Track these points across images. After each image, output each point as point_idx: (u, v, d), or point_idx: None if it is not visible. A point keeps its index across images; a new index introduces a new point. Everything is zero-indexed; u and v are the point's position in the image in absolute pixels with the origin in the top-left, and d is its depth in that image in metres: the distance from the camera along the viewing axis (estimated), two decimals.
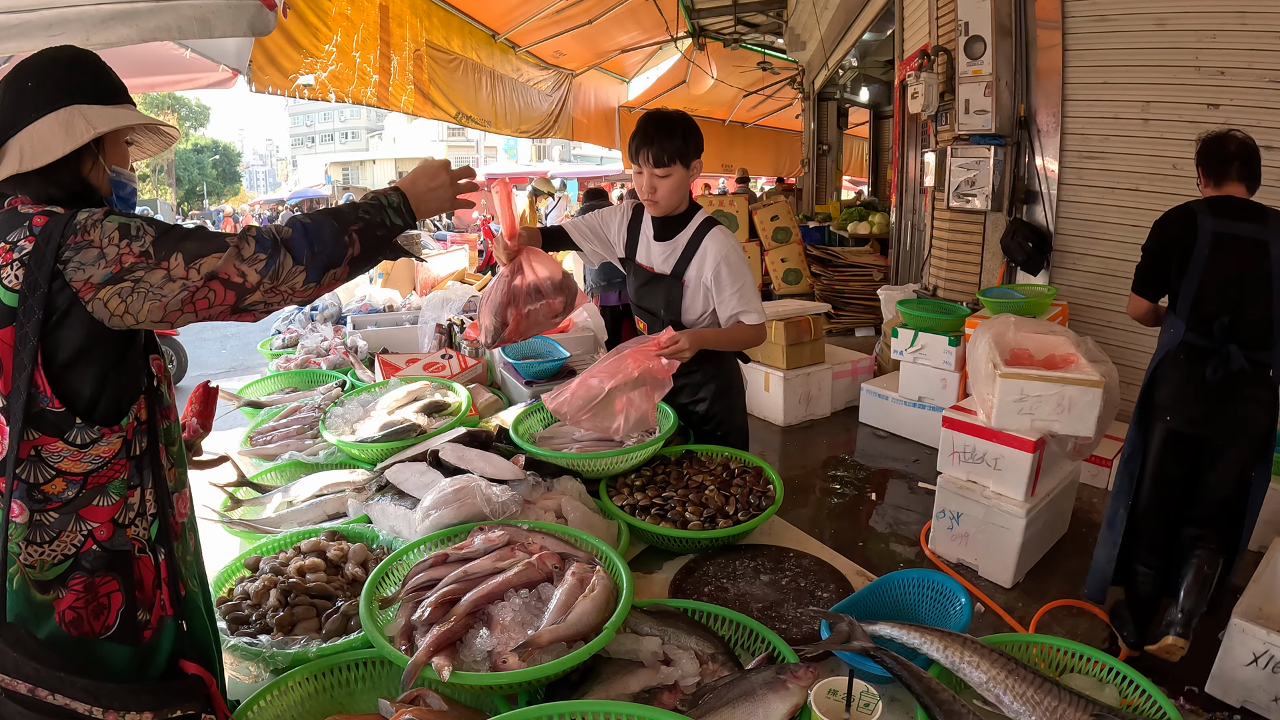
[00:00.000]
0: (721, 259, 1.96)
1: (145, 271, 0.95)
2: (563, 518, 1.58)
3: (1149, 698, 1.07)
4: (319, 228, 1.05)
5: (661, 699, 1.11)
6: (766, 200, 7.87)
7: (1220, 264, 2.20)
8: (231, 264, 0.99)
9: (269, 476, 1.96)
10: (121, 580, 1.00)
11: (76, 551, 0.97)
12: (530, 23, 6.58)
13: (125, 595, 1.00)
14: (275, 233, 1.03)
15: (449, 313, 3.31)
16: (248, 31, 2.23)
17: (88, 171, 1.06)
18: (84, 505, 0.97)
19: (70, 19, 2.02)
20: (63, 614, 0.96)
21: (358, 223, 1.09)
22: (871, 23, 7.14)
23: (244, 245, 1.00)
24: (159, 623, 1.04)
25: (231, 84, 3.71)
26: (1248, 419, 2.23)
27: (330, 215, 1.09)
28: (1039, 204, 4.46)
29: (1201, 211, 2.26)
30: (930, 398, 4.32)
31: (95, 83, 1.05)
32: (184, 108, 31.15)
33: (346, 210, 1.11)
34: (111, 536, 0.99)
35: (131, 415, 1.01)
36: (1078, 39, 4.16)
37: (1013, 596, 2.89)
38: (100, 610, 0.98)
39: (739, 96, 12.40)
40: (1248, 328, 2.19)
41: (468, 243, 10.67)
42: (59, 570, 0.96)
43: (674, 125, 1.91)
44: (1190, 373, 2.25)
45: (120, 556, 1.00)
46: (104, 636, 0.98)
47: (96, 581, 0.97)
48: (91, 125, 1.01)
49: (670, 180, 1.93)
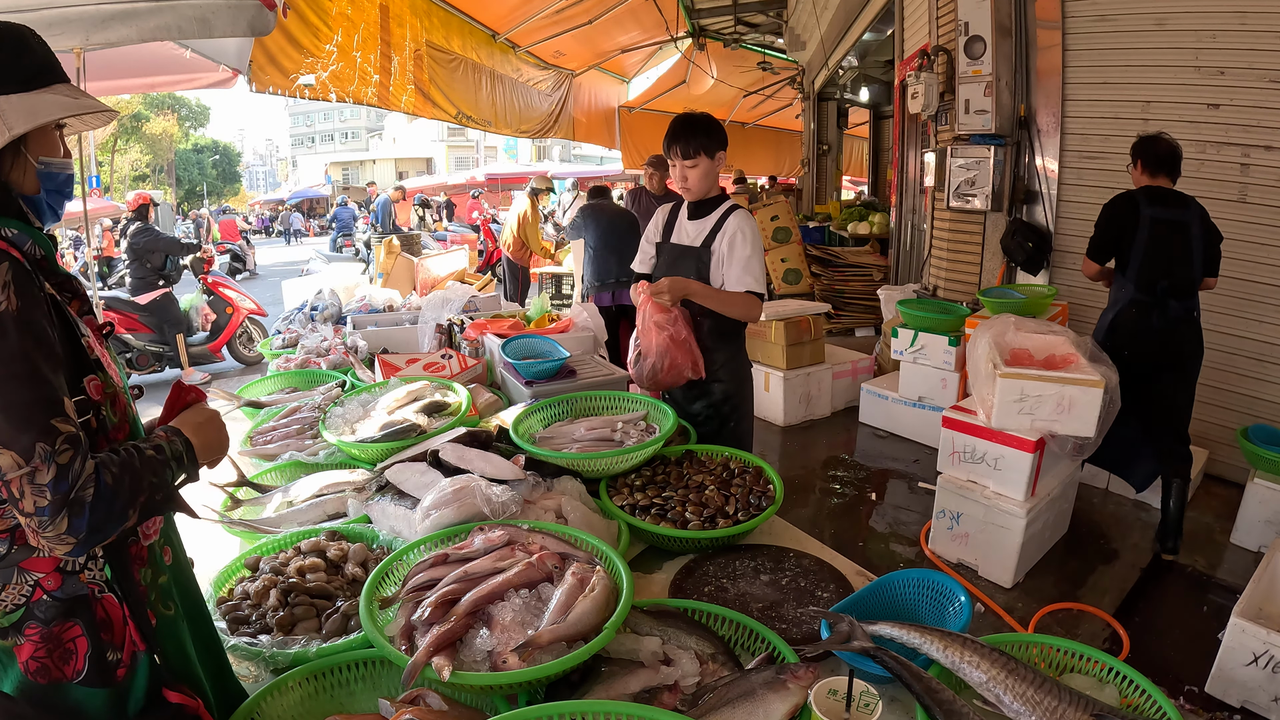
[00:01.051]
0: (737, 229, 2.25)
1: None
2: (563, 518, 1.58)
3: (1149, 698, 1.07)
4: (112, 500, 0.89)
5: (661, 699, 1.11)
6: (766, 200, 7.87)
7: (1157, 241, 2.98)
8: (22, 481, 0.83)
9: (269, 476, 1.96)
10: (84, 624, 0.94)
11: (27, 601, 0.92)
12: (530, 23, 6.58)
13: (90, 639, 0.94)
14: (76, 482, 0.86)
15: (449, 313, 3.31)
16: (247, 31, 2.23)
17: (7, 172, 0.95)
18: (22, 559, 0.91)
19: (70, 19, 2.02)
20: (26, 664, 0.91)
21: (145, 492, 0.93)
22: (871, 23, 7.14)
23: (43, 468, 0.83)
24: (131, 659, 0.98)
25: (231, 84, 3.72)
26: (1181, 349, 3.05)
27: (130, 474, 0.92)
28: (1039, 204, 4.46)
29: (1142, 200, 3.00)
30: (930, 398, 4.32)
31: (17, 65, 0.94)
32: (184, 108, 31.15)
33: (140, 472, 0.93)
34: (62, 585, 0.93)
35: None
36: (1078, 39, 4.16)
37: (1013, 596, 2.89)
38: (67, 656, 0.93)
39: (739, 96, 12.40)
40: (1178, 286, 2.98)
41: (468, 243, 10.68)
42: (13, 618, 0.91)
43: (698, 124, 2.24)
44: (1140, 321, 3.05)
45: (78, 602, 0.94)
46: (75, 681, 0.93)
47: (55, 631, 0.92)
48: (7, 125, 0.91)
49: (698, 170, 2.25)
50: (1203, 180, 3.64)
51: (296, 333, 3.35)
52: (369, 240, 10.86)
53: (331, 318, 3.65)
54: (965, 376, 3.84)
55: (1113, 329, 3.14)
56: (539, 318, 3.30)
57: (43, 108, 0.95)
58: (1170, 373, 3.06)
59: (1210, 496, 3.63)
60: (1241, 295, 3.61)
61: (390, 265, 6.86)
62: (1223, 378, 3.76)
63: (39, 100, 0.95)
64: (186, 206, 30.58)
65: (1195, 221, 2.94)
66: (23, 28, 0.97)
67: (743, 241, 2.23)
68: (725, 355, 2.36)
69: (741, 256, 2.23)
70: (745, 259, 2.23)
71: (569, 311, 3.29)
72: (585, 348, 2.95)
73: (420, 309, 3.53)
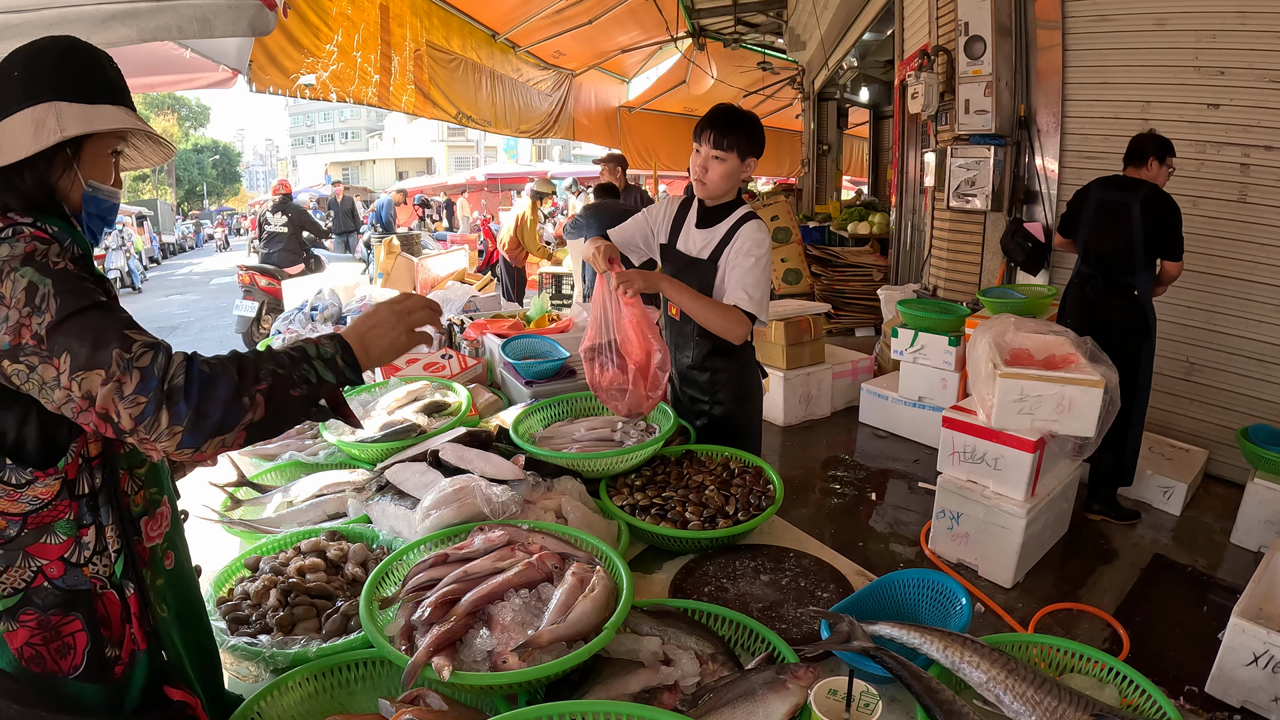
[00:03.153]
0: (747, 238, 2.01)
1: (39, 362, 0.82)
2: (563, 518, 1.58)
3: (1149, 698, 1.07)
4: (212, 383, 0.86)
5: (661, 699, 1.11)
6: (766, 200, 7.87)
7: (1099, 220, 3.32)
8: (111, 398, 0.82)
9: (269, 476, 1.96)
10: (85, 619, 0.94)
11: (26, 586, 0.91)
12: (530, 23, 6.58)
13: (90, 634, 0.94)
14: (165, 375, 0.84)
15: (449, 313, 3.31)
16: (248, 31, 2.23)
17: (57, 178, 0.97)
18: (30, 544, 0.91)
19: (70, 19, 2.02)
20: (20, 650, 0.91)
21: (266, 379, 0.89)
22: (871, 23, 7.14)
23: (126, 379, 0.82)
24: (130, 657, 0.98)
25: (231, 84, 3.71)
26: (1111, 319, 3.29)
27: (233, 365, 0.89)
28: (1039, 204, 4.46)
29: (1095, 186, 3.38)
30: (930, 398, 4.32)
31: (85, 79, 0.97)
32: (184, 108, 31.16)
33: (258, 360, 0.91)
34: (64, 574, 0.93)
35: (72, 454, 0.93)
36: (1078, 39, 4.16)
37: (1013, 596, 2.89)
38: (65, 650, 0.93)
39: (739, 96, 12.37)
40: (1112, 261, 3.29)
41: (468, 243, 10.67)
42: (9, 603, 0.91)
43: (742, 119, 2.01)
44: (1080, 291, 3.44)
45: (79, 595, 0.94)
46: (72, 676, 0.94)
47: (54, 620, 0.92)
48: (61, 126, 0.92)
49: (723, 165, 2.00)
50: (1203, 180, 3.65)
51: (296, 333, 3.35)
52: (369, 240, 10.86)
53: (331, 318, 3.65)
54: (965, 376, 3.84)
55: (1063, 301, 3.57)
56: (539, 318, 3.30)
57: (98, 118, 0.96)
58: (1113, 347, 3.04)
59: (1210, 496, 3.63)
60: (1241, 295, 3.61)
61: (390, 265, 6.87)
62: (1223, 378, 3.76)
63: (96, 111, 0.97)
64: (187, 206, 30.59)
65: (1137, 204, 3.15)
66: (100, 51, 1.00)
67: (746, 252, 1.98)
68: (727, 375, 2.17)
69: (741, 266, 1.98)
70: (744, 270, 1.97)
71: (569, 311, 3.29)
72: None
73: None
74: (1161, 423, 3.89)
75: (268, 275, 6.94)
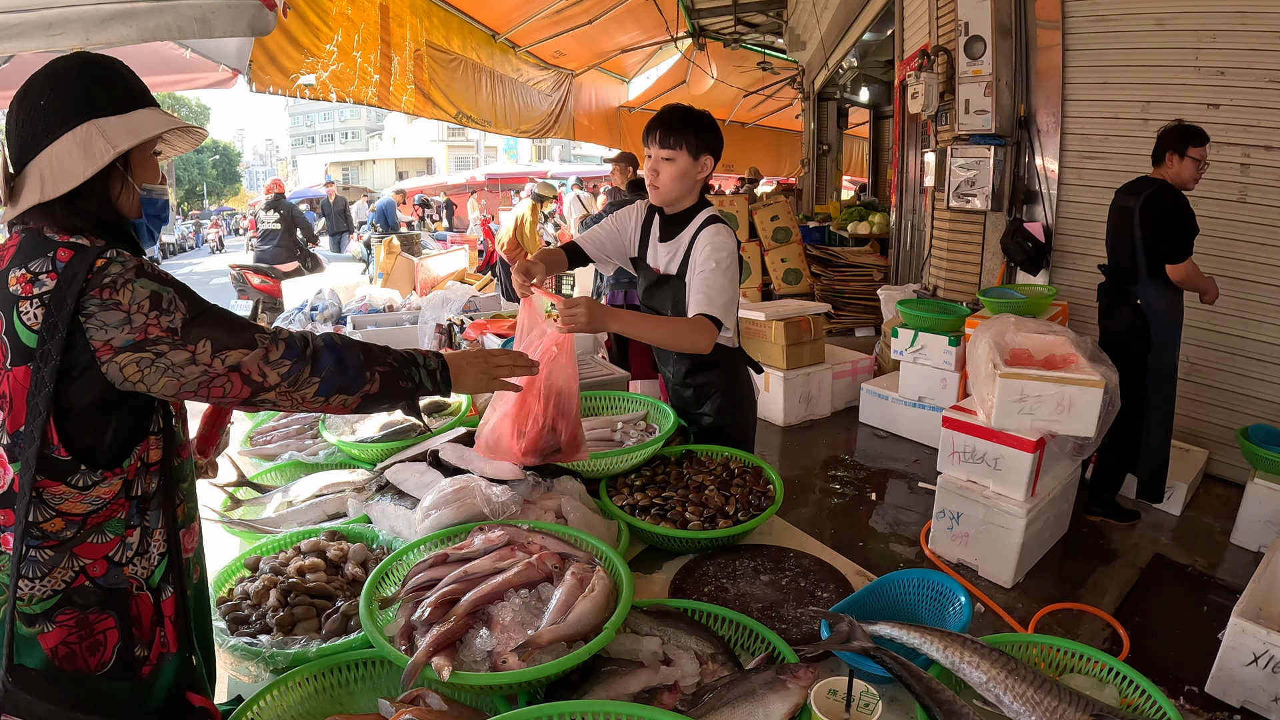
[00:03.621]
0: (705, 243, 1.89)
1: (169, 349, 0.93)
2: (563, 518, 1.58)
3: (1149, 698, 1.07)
4: (347, 352, 1.06)
5: (661, 699, 1.11)
6: (766, 200, 7.87)
7: (1112, 226, 3.27)
8: (256, 363, 0.98)
9: (269, 476, 1.96)
10: (118, 618, 0.97)
11: (67, 587, 0.94)
12: (530, 23, 6.58)
13: (122, 632, 0.97)
14: (305, 342, 1.04)
15: (449, 313, 3.31)
16: (248, 31, 2.23)
17: (117, 195, 1.01)
18: (79, 544, 0.94)
19: (70, 19, 2.02)
20: (54, 649, 0.93)
21: (385, 366, 1.10)
22: (871, 23, 7.14)
23: (273, 348, 1.00)
24: (158, 659, 1.01)
25: (231, 84, 3.71)
26: (1115, 330, 3.30)
27: (361, 348, 1.09)
28: (1039, 204, 4.46)
29: (1117, 191, 3.27)
30: (930, 398, 4.32)
31: (110, 90, 0.99)
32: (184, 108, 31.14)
33: (379, 351, 1.11)
34: (106, 573, 0.96)
35: (134, 457, 0.98)
36: (1078, 39, 4.16)
37: (1013, 596, 2.89)
38: (96, 647, 0.95)
39: (739, 96, 12.40)
40: (1119, 269, 3.25)
41: (468, 243, 10.67)
42: (47, 605, 0.93)
43: (688, 114, 1.92)
44: (1098, 301, 3.42)
45: (116, 594, 0.97)
46: (100, 674, 0.96)
47: (90, 618, 0.95)
48: (111, 144, 0.95)
49: (673, 166, 1.90)
50: (1203, 180, 3.63)
51: None
52: (369, 240, 10.86)
53: (331, 317, 3.65)
54: (965, 376, 3.84)
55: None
56: None
57: (142, 125, 1.00)
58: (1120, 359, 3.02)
59: (1210, 496, 3.63)
60: (1241, 295, 3.61)
61: (390, 265, 6.87)
62: (1223, 378, 3.76)
63: (135, 119, 1.00)
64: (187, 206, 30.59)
65: (1138, 208, 3.06)
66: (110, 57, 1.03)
67: (707, 257, 1.86)
68: (712, 387, 2.10)
69: (703, 271, 1.85)
70: (705, 275, 1.84)
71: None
72: (585, 348, 2.95)
73: (420, 309, 3.53)
74: None
75: (261, 273, 6.97)
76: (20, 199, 0.95)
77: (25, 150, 0.95)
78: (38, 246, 0.92)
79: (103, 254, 0.92)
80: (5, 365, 0.90)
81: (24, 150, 0.95)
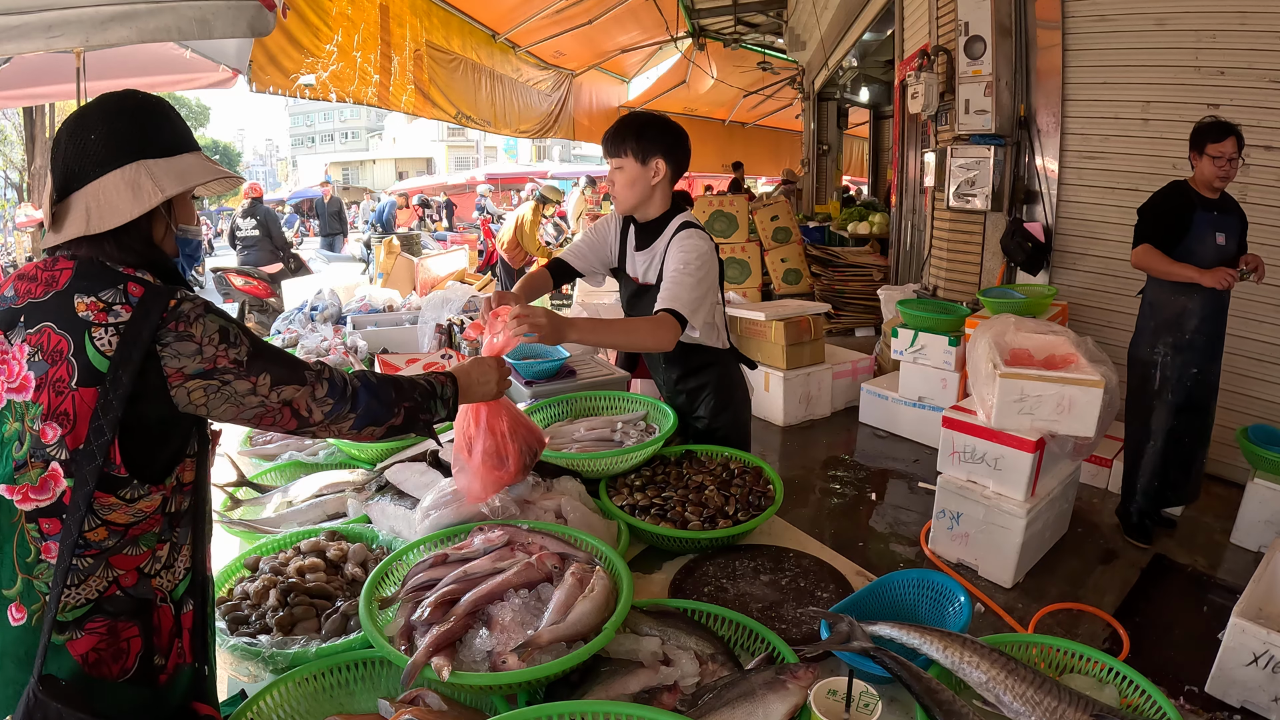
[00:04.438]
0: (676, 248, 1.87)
1: (235, 379, 1.00)
2: (562, 518, 1.58)
3: (1149, 698, 1.07)
4: (381, 390, 1.15)
5: (661, 699, 1.11)
6: (766, 200, 7.87)
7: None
8: (305, 399, 1.07)
9: (269, 476, 1.96)
10: (142, 627, 1.00)
11: (100, 596, 0.97)
12: (530, 23, 6.59)
13: (144, 641, 1.00)
14: (345, 383, 1.12)
15: (449, 313, 3.31)
16: (247, 32, 2.23)
17: (160, 237, 1.06)
18: (115, 554, 0.97)
19: (70, 20, 2.02)
20: (85, 656, 0.95)
21: (410, 402, 1.19)
22: (871, 23, 7.15)
23: (318, 386, 1.08)
24: (175, 669, 1.04)
25: (231, 84, 3.72)
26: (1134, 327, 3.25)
27: (393, 385, 1.18)
28: (1039, 204, 4.46)
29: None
30: (930, 398, 4.32)
31: (160, 134, 1.04)
32: (184, 108, 31.18)
33: (408, 387, 1.20)
34: (136, 584, 1.00)
35: (173, 476, 1.02)
36: (1078, 39, 4.16)
37: (1013, 596, 2.89)
38: (119, 654, 0.98)
39: (739, 96, 12.40)
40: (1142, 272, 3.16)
41: (468, 243, 10.68)
42: (79, 612, 0.95)
43: (632, 121, 1.91)
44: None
45: (143, 604, 1.00)
46: (121, 680, 0.98)
47: (119, 626, 0.98)
48: (160, 187, 1.00)
49: (623, 174, 1.90)
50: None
51: (296, 333, 3.35)
52: (369, 240, 10.84)
53: (331, 318, 3.65)
54: (965, 376, 3.84)
55: None
56: None
57: (188, 171, 1.04)
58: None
59: (1210, 496, 3.63)
60: (1241, 295, 3.59)
61: (390, 265, 6.88)
62: (1223, 378, 3.76)
63: (183, 164, 1.04)
64: None
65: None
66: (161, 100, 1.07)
67: (675, 258, 1.84)
68: (703, 391, 2.11)
69: (671, 273, 1.82)
70: (672, 275, 1.81)
71: (569, 311, 3.29)
72: (585, 348, 2.95)
73: (420, 309, 3.53)
74: None
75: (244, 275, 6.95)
76: (65, 228, 0.99)
77: (71, 180, 0.99)
78: (103, 276, 0.97)
79: (174, 294, 0.98)
80: (71, 384, 0.93)
81: (69, 180, 0.99)
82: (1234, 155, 2.87)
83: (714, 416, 2.13)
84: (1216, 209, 2.99)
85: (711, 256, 1.90)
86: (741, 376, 2.22)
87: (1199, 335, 3.04)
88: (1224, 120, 2.90)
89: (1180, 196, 2.99)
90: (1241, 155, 2.91)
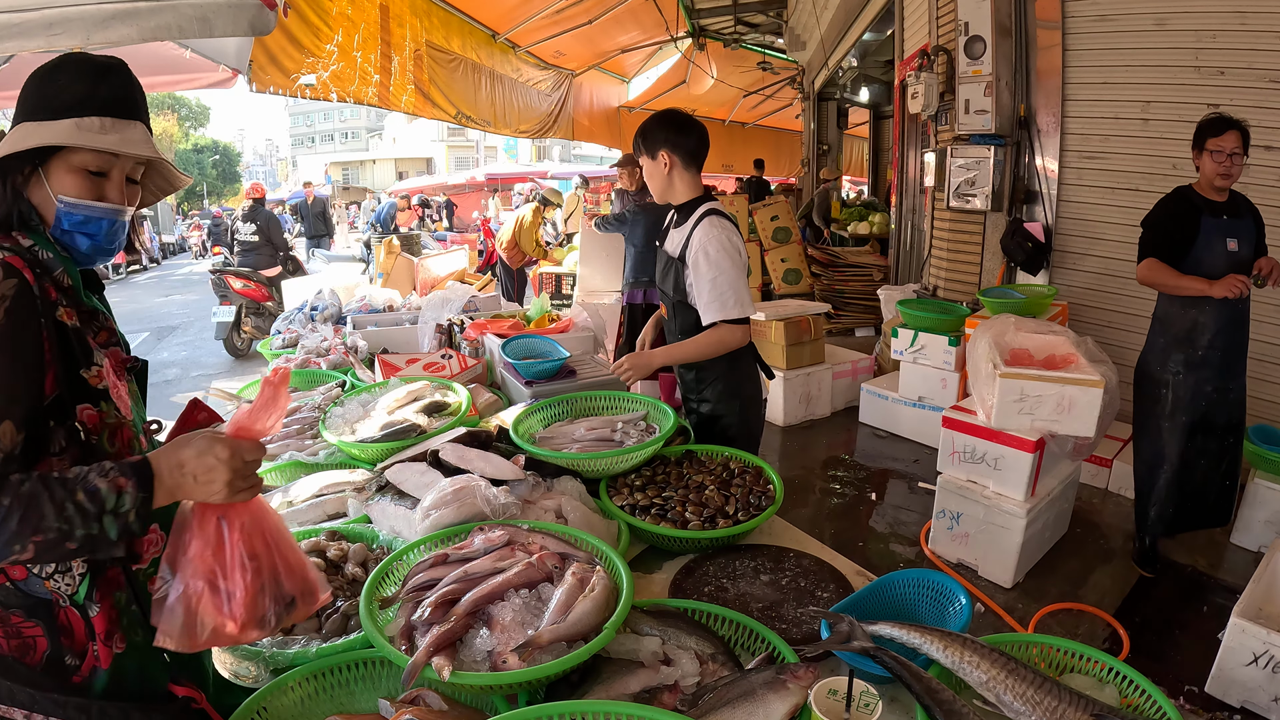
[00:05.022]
0: (700, 248, 2.04)
1: None
2: (563, 518, 1.58)
3: (1149, 698, 1.07)
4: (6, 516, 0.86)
5: (661, 699, 1.11)
6: (766, 200, 7.87)
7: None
8: None
9: (269, 476, 1.96)
10: (45, 626, 0.96)
11: None
12: (530, 23, 6.58)
13: (50, 641, 0.97)
14: None
15: (449, 313, 3.31)
16: (248, 31, 2.22)
17: (28, 191, 1.00)
18: None
19: (71, 18, 2.02)
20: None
21: (44, 534, 0.86)
22: (871, 23, 7.15)
23: None
24: (91, 672, 0.99)
25: (231, 84, 3.72)
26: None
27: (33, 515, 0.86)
28: (1039, 204, 4.46)
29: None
30: (930, 398, 4.32)
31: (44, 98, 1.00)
32: (184, 108, 31.16)
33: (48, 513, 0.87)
34: (26, 579, 0.96)
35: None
36: (1078, 39, 4.16)
37: (1013, 596, 2.89)
38: (26, 649, 0.96)
39: (739, 96, 12.40)
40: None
41: (468, 243, 10.67)
42: None
43: (643, 123, 2.15)
44: None
45: (40, 604, 0.96)
46: (36, 670, 0.96)
47: (14, 620, 0.95)
48: (12, 145, 0.97)
49: (645, 171, 2.17)
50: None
51: (296, 333, 3.35)
52: (369, 240, 10.82)
53: (331, 318, 3.65)
54: (965, 376, 3.84)
55: None
56: (539, 318, 3.30)
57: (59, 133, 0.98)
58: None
59: None
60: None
61: (390, 265, 6.87)
62: None
63: (52, 129, 0.98)
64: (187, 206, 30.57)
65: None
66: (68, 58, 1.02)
67: (705, 264, 2.02)
68: (713, 373, 2.20)
69: (706, 279, 2.02)
70: (710, 281, 2.01)
71: (569, 311, 3.29)
72: (585, 348, 2.95)
73: (420, 309, 3.53)
74: None
75: (242, 277, 6.95)
76: None
77: None
78: None
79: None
80: None
81: None
82: (1236, 150, 2.69)
83: (719, 402, 2.20)
84: (1225, 213, 2.78)
85: (733, 241, 2.06)
86: (755, 373, 2.29)
87: (1214, 350, 2.83)
88: (1226, 115, 2.76)
89: (1183, 203, 2.81)
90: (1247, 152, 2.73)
